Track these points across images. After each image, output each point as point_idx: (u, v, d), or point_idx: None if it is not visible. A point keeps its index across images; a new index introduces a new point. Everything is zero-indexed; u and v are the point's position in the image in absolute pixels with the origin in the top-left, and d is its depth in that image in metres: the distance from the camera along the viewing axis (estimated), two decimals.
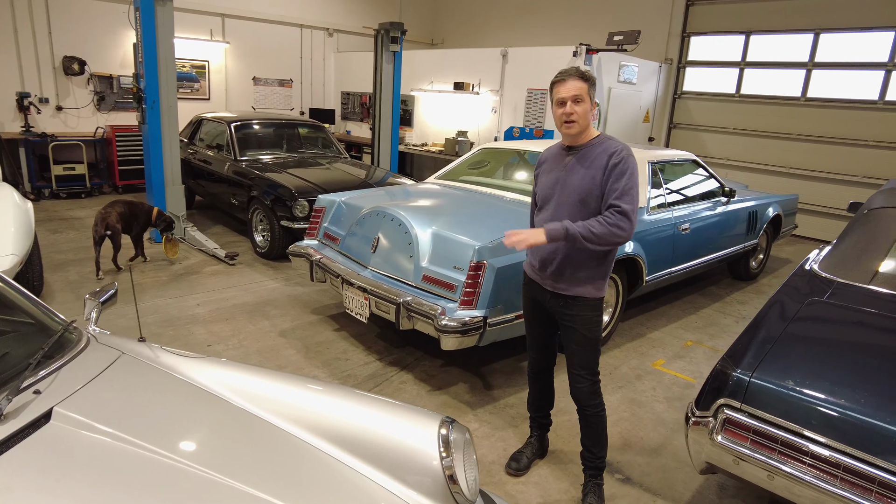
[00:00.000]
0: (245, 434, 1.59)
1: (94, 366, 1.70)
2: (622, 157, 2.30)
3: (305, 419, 1.68)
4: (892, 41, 7.42)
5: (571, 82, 2.30)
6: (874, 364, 2.35)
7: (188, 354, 1.89)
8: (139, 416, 1.55)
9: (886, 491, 1.97)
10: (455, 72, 9.46)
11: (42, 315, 1.88)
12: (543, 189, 2.49)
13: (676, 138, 9.78)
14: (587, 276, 2.42)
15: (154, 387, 1.70)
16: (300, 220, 5.46)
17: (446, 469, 1.60)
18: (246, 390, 1.75)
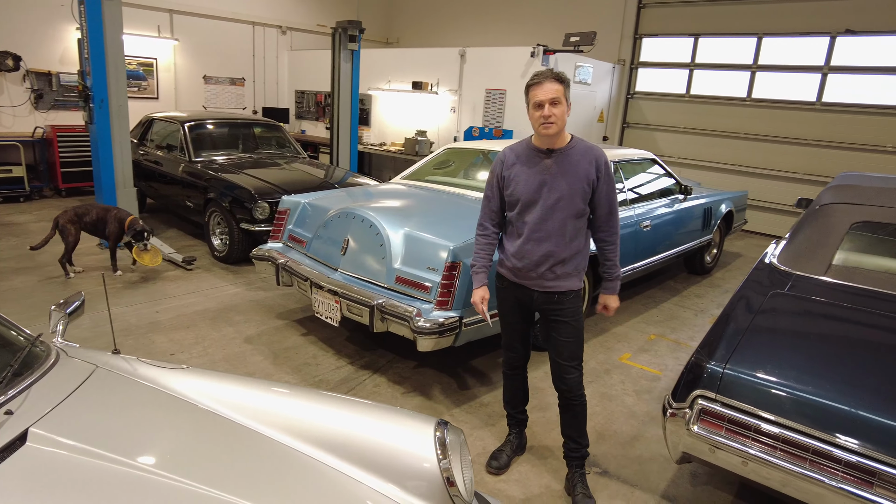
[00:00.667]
0: (235, 446, 1.54)
1: (68, 382, 1.60)
2: (606, 163, 2.47)
3: (297, 428, 1.63)
4: (827, 46, 7.85)
5: (548, 84, 2.33)
6: (835, 352, 2.47)
7: (168, 365, 1.80)
8: (121, 434, 1.46)
9: (852, 470, 2.08)
10: (413, 71, 9.43)
11: (3, 329, 1.76)
12: (524, 192, 2.47)
13: (630, 137, 10.06)
14: (573, 269, 2.53)
15: (134, 401, 1.61)
16: (260, 222, 5.32)
17: (444, 471, 1.59)
18: (232, 401, 1.68)
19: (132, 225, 4.84)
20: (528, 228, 2.49)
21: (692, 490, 2.80)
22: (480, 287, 2.66)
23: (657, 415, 3.46)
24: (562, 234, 2.46)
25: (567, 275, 2.52)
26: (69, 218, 4.87)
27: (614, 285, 2.63)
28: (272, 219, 5.35)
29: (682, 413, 2.42)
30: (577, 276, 2.55)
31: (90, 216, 4.96)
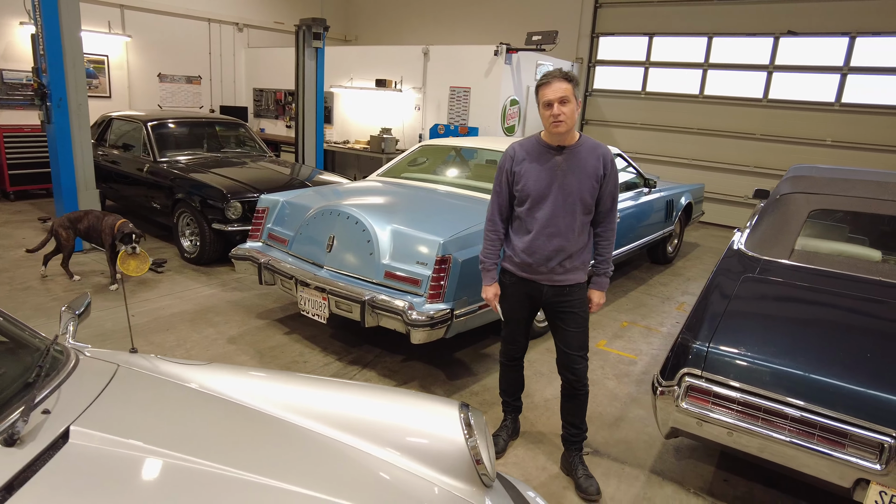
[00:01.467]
0: (271, 435, 1.57)
1: (96, 381, 1.59)
2: (613, 160, 2.58)
3: (328, 416, 1.67)
4: (772, 46, 8.32)
5: (557, 84, 2.39)
6: (805, 328, 2.69)
7: (189, 362, 1.81)
8: (159, 427, 1.48)
9: (827, 434, 2.28)
10: (376, 69, 9.42)
11: (18, 332, 1.73)
12: (535, 187, 2.53)
13: (589, 134, 10.32)
14: (580, 263, 2.63)
15: (165, 396, 1.62)
16: (233, 222, 5.25)
17: (472, 450, 1.66)
18: (260, 393, 1.71)
19: (121, 228, 4.69)
20: (539, 224, 2.55)
21: (677, 463, 2.97)
22: (493, 284, 2.74)
23: (637, 396, 3.64)
24: (571, 229, 2.55)
25: (575, 268, 2.62)
26: (61, 223, 4.80)
27: (604, 281, 2.71)
28: (245, 218, 5.29)
29: (670, 390, 2.58)
30: (583, 270, 2.66)
31: (84, 223, 4.82)
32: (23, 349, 1.70)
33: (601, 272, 2.70)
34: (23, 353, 1.67)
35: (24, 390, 1.47)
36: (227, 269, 5.46)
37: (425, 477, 1.61)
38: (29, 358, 1.64)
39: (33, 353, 1.67)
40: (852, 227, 3.76)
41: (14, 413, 1.35)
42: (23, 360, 1.62)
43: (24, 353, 1.67)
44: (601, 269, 2.70)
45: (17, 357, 1.66)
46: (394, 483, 1.55)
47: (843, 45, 7.79)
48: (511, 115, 8.60)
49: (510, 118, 8.59)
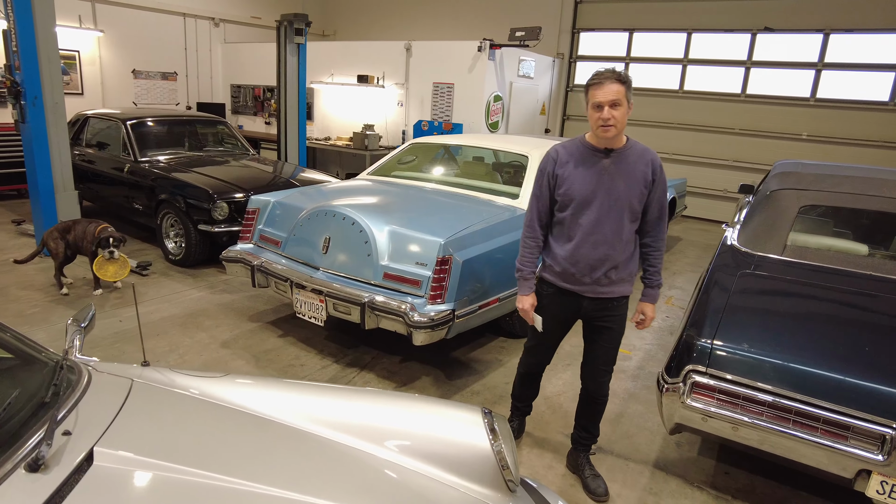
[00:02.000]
0: (298, 448, 1.54)
1: (112, 398, 1.54)
2: (661, 166, 2.46)
3: (352, 426, 1.65)
4: (749, 42, 8.47)
5: (609, 86, 2.24)
6: (806, 323, 2.75)
7: (205, 374, 1.77)
8: (185, 445, 1.44)
9: (830, 427, 2.33)
10: (357, 65, 9.32)
11: (24, 348, 1.66)
12: (580, 190, 2.39)
13: (570, 129, 10.42)
14: (626, 275, 2.51)
15: (184, 411, 1.58)
16: (220, 223, 5.15)
17: (497, 455, 1.66)
18: (280, 404, 1.68)
19: (100, 233, 4.53)
20: (583, 231, 2.41)
21: (679, 457, 3.02)
22: (530, 294, 2.57)
23: (635, 392, 3.69)
24: (618, 237, 2.41)
25: (622, 280, 2.48)
26: (50, 233, 4.65)
27: (655, 293, 2.55)
28: (231, 219, 5.20)
29: (676, 387, 2.61)
30: (629, 282, 2.53)
31: (73, 232, 4.65)
32: (30, 366, 1.63)
33: (654, 284, 2.55)
34: (31, 370, 1.61)
35: (39, 410, 1.41)
36: (215, 271, 5.36)
37: (452, 485, 1.60)
38: (39, 375, 1.58)
39: (42, 369, 1.61)
40: (841, 222, 3.85)
41: (36, 436, 1.30)
42: (33, 378, 1.56)
43: (32, 370, 1.60)
44: (654, 281, 2.55)
45: (27, 375, 1.59)
46: (421, 492, 1.54)
47: (818, 41, 7.97)
48: (495, 111, 8.60)
49: (494, 114, 8.59)
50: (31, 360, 1.66)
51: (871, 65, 7.73)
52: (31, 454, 1.24)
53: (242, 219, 5.16)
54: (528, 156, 4.46)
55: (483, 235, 3.54)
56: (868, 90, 7.82)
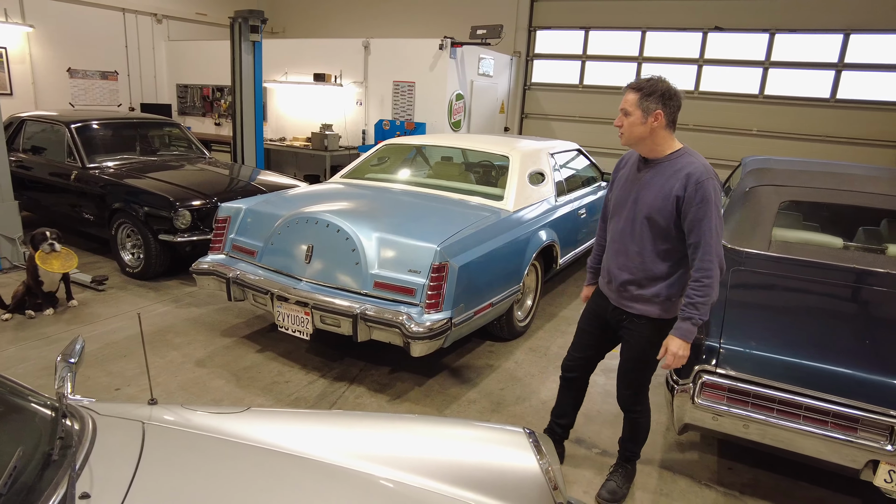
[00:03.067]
0: (344, 488, 1.41)
1: (126, 447, 1.36)
2: (700, 182, 2.11)
3: (396, 459, 1.53)
4: (700, 41, 8.73)
5: (626, 94, 2.25)
6: (804, 318, 2.80)
7: (220, 411, 1.60)
8: (219, 497, 1.28)
9: (839, 420, 2.37)
10: (312, 63, 9.03)
11: (10, 394, 1.45)
12: (617, 199, 2.41)
13: (528, 127, 10.48)
14: (652, 294, 2.33)
15: (212, 457, 1.41)
16: (183, 231, 4.84)
17: (546, 474, 1.58)
18: (315, 441, 1.54)
19: (33, 235, 4.17)
20: (610, 237, 2.44)
21: (682, 456, 3.03)
22: (587, 286, 2.73)
23: None
24: (639, 253, 2.31)
25: (644, 298, 2.34)
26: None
27: (684, 327, 2.20)
28: (195, 227, 4.90)
29: (686, 388, 2.61)
30: (657, 304, 2.33)
31: None
32: (19, 413, 1.42)
33: (684, 317, 2.20)
34: (21, 418, 1.40)
35: (46, 469, 1.22)
36: (178, 284, 5.04)
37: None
38: (33, 425, 1.38)
39: (35, 418, 1.40)
40: (819, 216, 3.98)
41: (52, 502, 1.12)
42: (28, 429, 1.36)
43: (23, 418, 1.40)
44: (685, 314, 2.20)
45: (19, 425, 1.39)
46: None
47: (765, 41, 8.30)
48: (457, 110, 8.52)
49: (456, 113, 8.51)
50: (16, 406, 1.44)
51: (815, 63, 8.12)
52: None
53: (205, 227, 4.90)
54: (509, 156, 4.40)
55: (475, 239, 3.45)
56: (811, 88, 8.21)
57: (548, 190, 4.57)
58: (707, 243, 2.14)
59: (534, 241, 4.03)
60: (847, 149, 8.07)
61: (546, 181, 4.60)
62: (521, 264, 3.89)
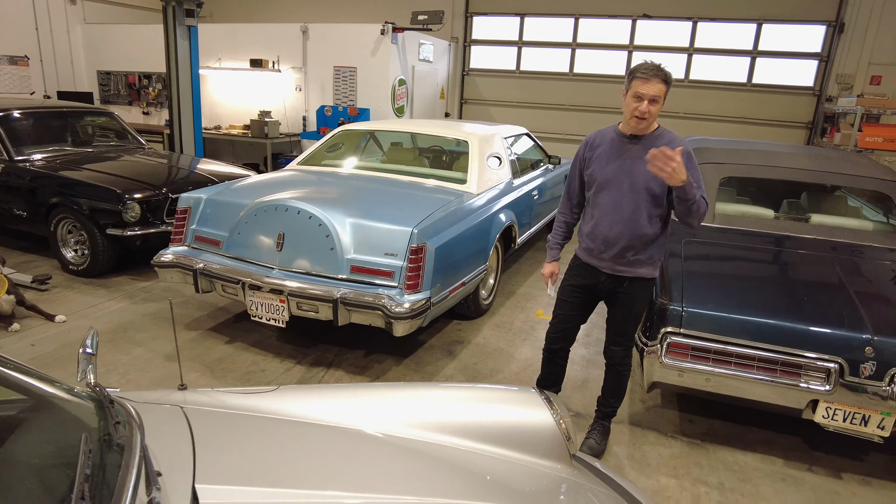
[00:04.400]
0: (385, 452, 1.50)
1: (175, 429, 1.39)
2: (689, 151, 2.45)
3: (424, 423, 1.64)
4: (630, 28, 9.17)
5: (654, 83, 2.36)
6: (752, 281, 3.13)
7: (253, 391, 1.65)
8: (277, 467, 1.34)
9: (787, 367, 2.69)
10: (248, 48, 8.75)
11: (46, 387, 1.43)
12: (603, 174, 2.56)
13: (468, 112, 10.64)
14: (646, 257, 2.58)
15: (258, 432, 1.46)
16: (132, 225, 4.64)
17: (560, 424, 1.73)
18: (348, 411, 1.62)
19: None
20: (602, 210, 2.57)
21: (647, 413, 3.31)
22: (551, 262, 2.88)
23: (590, 357, 3.94)
24: (636, 219, 2.50)
25: (640, 262, 2.57)
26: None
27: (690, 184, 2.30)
28: (145, 220, 4.71)
29: (654, 349, 2.86)
30: (650, 265, 2.59)
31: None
32: (56, 406, 1.41)
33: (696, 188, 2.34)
34: (60, 410, 1.39)
35: (108, 453, 1.24)
36: (129, 279, 4.84)
37: (534, 465, 1.65)
38: (77, 412, 1.38)
39: (77, 409, 1.40)
40: (748, 191, 4.37)
41: (129, 482, 1.14)
42: (74, 417, 1.36)
43: (63, 410, 1.39)
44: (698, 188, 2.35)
45: (62, 414, 1.38)
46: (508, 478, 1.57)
47: (688, 28, 8.85)
48: (400, 95, 8.54)
49: (399, 98, 8.53)
50: (53, 396, 1.43)
51: (733, 50, 8.75)
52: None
53: (156, 219, 4.74)
54: (469, 141, 4.53)
55: (447, 221, 3.57)
56: (730, 73, 8.84)
57: (505, 173, 4.75)
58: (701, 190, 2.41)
59: (497, 222, 4.19)
60: (762, 129, 8.79)
61: (503, 164, 4.77)
62: (487, 244, 4.04)
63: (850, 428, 2.69)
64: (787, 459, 2.94)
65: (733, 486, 2.72)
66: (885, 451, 3.03)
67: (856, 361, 2.60)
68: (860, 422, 2.67)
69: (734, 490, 2.69)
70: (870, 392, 2.60)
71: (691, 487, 2.70)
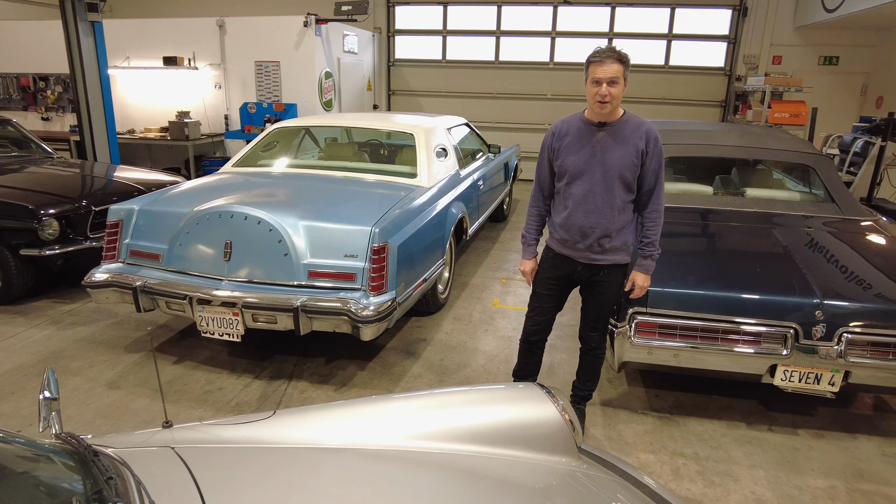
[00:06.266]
0: (399, 468, 1.42)
1: (174, 474, 1.24)
2: (657, 137, 2.50)
3: (430, 434, 1.57)
4: (552, 15, 9.33)
5: (609, 64, 2.34)
6: (708, 258, 3.26)
7: (247, 419, 1.51)
8: (294, 501, 1.23)
9: (748, 336, 2.83)
10: (159, 45, 8.17)
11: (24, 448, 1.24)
12: (574, 163, 2.53)
13: (396, 104, 10.49)
14: (620, 243, 2.60)
15: (265, 466, 1.34)
16: (51, 244, 4.22)
17: (565, 417, 1.71)
18: (352, 430, 1.52)
19: None
20: (575, 200, 2.54)
21: (616, 392, 3.39)
22: (531, 258, 2.81)
23: (553, 342, 3.94)
24: (610, 206, 2.51)
25: (615, 249, 2.58)
26: None
27: (648, 264, 2.60)
28: (65, 237, 4.30)
29: (623, 330, 2.92)
30: (624, 251, 2.62)
31: None
32: (23, 471, 1.23)
33: (647, 255, 2.59)
34: (38, 467, 1.21)
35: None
36: (51, 303, 4.40)
37: (542, 462, 1.62)
38: (56, 472, 1.20)
39: (51, 465, 1.23)
40: (680, 168, 4.56)
41: None
42: (54, 477, 1.18)
43: (40, 467, 1.21)
44: (647, 252, 2.59)
45: (39, 475, 1.20)
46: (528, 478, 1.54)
47: (607, 13, 9.12)
48: (328, 89, 8.28)
49: (327, 92, 8.27)
50: (25, 457, 1.24)
51: (650, 34, 9.11)
52: None
53: (77, 236, 4.34)
54: (414, 133, 4.43)
55: (404, 218, 3.48)
56: (649, 56, 9.22)
57: (452, 164, 4.70)
58: (660, 188, 2.57)
59: (450, 215, 4.14)
60: (680, 109, 9.23)
61: (450, 156, 4.71)
62: (443, 237, 3.99)
63: (805, 387, 2.87)
64: (749, 423, 3.10)
65: (707, 455, 2.83)
66: (832, 406, 3.27)
67: (808, 325, 2.76)
68: (814, 380, 2.85)
69: (709, 458, 2.81)
70: (821, 352, 2.78)
71: (669, 461, 2.78)
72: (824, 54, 8.83)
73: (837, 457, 2.85)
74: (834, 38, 8.66)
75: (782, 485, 2.64)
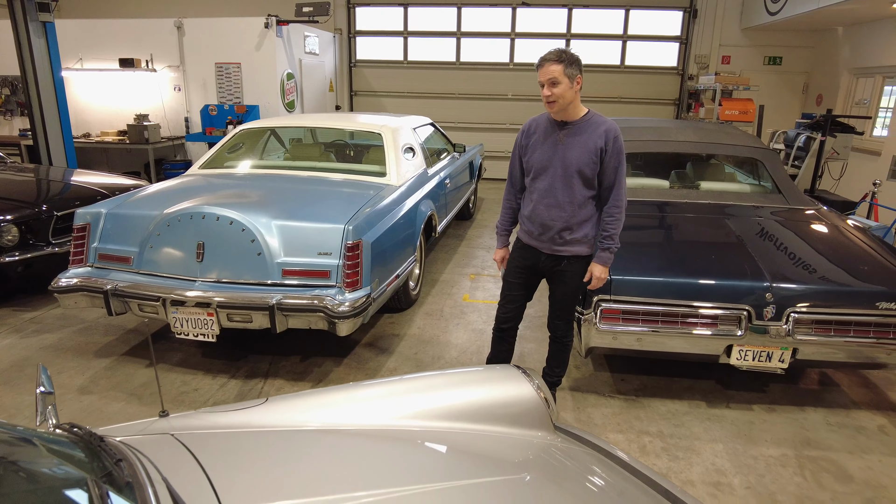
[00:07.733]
0: (392, 447, 1.51)
1: (177, 457, 1.29)
2: (617, 136, 2.62)
3: (417, 413, 1.66)
4: (511, 16, 9.52)
5: (547, 66, 2.51)
6: (668, 246, 3.44)
7: (240, 406, 1.57)
8: (299, 480, 1.30)
9: (706, 319, 3.02)
10: (114, 46, 7.98)
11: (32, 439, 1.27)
12: (538, 160, 2.68)
13: (359, 105, 10.50)
14: (581, 236, 2.73)
15: (262, 447, 1.40)
16: (11, 250, 4.12)
17: (539, 391, 1.83)
18: (342, 413, 1.60)
19: None
20: (538, 194, 2.70)
21: (582, 376, 3.55)
22: (502, 248, 2.99)
23: (522, 333, 4.11)
24: (570, 201, 2.66)
25: (576, 241, 2.72)
26: None
27: (606, 256, 2.71)
28: (25, 243, 4.20)
29: (589, 317, 3.07)
30: (585, 244, 2.74)
31: None
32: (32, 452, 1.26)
33: (605, 248, 2.71)
34: (45, 455, 1.25)
35: (121, 491, 1.13)
36: (11, 311, 4.29)
37: (520, 436, 1.73)
38: (63, 460, 1.24)
39: (55, 454, 1.26)
40: (637, 164, 4.76)
41: None
42: (62, 464, 1.22)
43: (47, 455, 1.25)
44: (605, 245, 2.70)
45: (50, 462, 1.23)
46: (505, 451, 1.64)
47: (564, 15, 9.37)
48: (290, 90, 8.25)
49: (289, 93, 8.24)
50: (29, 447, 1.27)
51: (606, 35, 9.40)
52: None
53: (38, 241, 4.25)
54: (382, 133, 4.51)
55: (377, 215, 3.55)
56: (605, 56, 9.51)
57: (419, 163, 4.79)
58: (620, 185, 2.68)
59: (420, 213, 4.23)
60: (636, 107, 9.56)
61: (417, 155, 4.80)
62: (414, 234, 4.08)
63: (758, 365, 3.08)
64: (709, 401, 3.30)
65: (671, 432, 3.01)
66: (782, 381, 3.50)
67: (760, 307, 2.97)
68: (765, 358, 3.06)
69: (672, 435, 2.98)
70: (772, 332, 2.99)
71: (636, 439, 2.95)
72: (769, 55, 9.29)
73: (788, 428, 3.07)
74: (777, 39, 9.13)
75: (739, 455, 2.83)
